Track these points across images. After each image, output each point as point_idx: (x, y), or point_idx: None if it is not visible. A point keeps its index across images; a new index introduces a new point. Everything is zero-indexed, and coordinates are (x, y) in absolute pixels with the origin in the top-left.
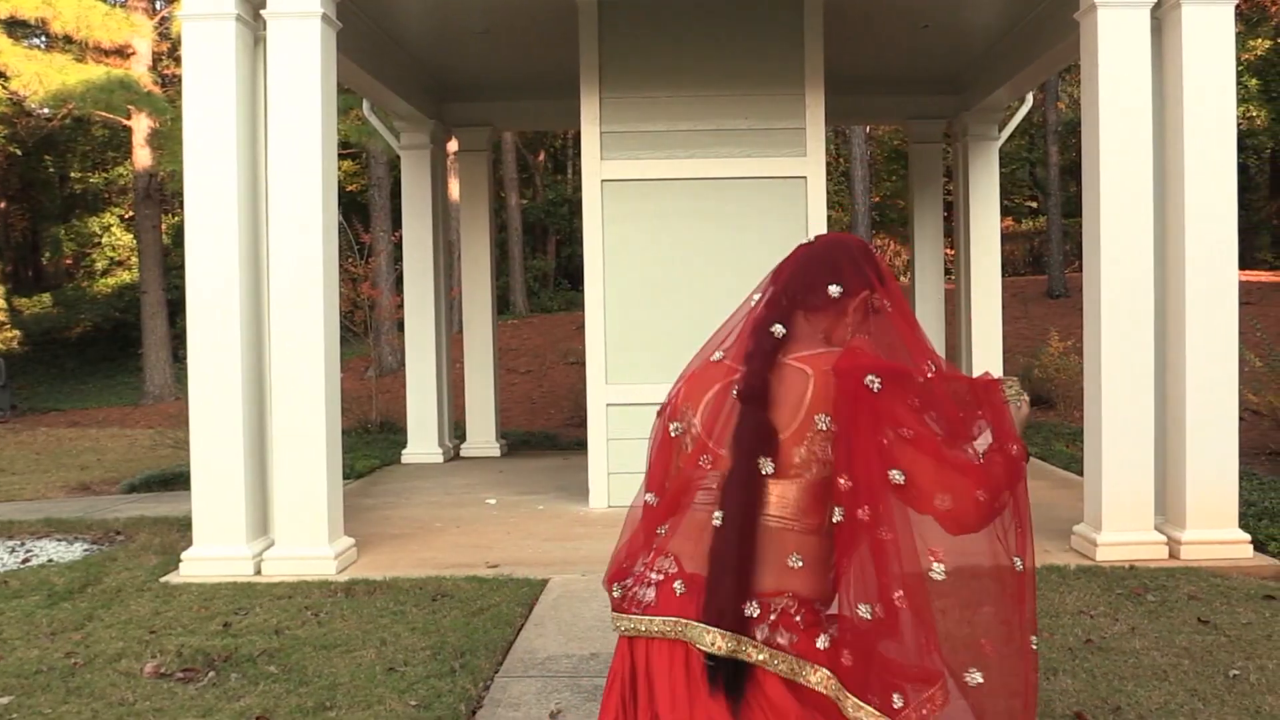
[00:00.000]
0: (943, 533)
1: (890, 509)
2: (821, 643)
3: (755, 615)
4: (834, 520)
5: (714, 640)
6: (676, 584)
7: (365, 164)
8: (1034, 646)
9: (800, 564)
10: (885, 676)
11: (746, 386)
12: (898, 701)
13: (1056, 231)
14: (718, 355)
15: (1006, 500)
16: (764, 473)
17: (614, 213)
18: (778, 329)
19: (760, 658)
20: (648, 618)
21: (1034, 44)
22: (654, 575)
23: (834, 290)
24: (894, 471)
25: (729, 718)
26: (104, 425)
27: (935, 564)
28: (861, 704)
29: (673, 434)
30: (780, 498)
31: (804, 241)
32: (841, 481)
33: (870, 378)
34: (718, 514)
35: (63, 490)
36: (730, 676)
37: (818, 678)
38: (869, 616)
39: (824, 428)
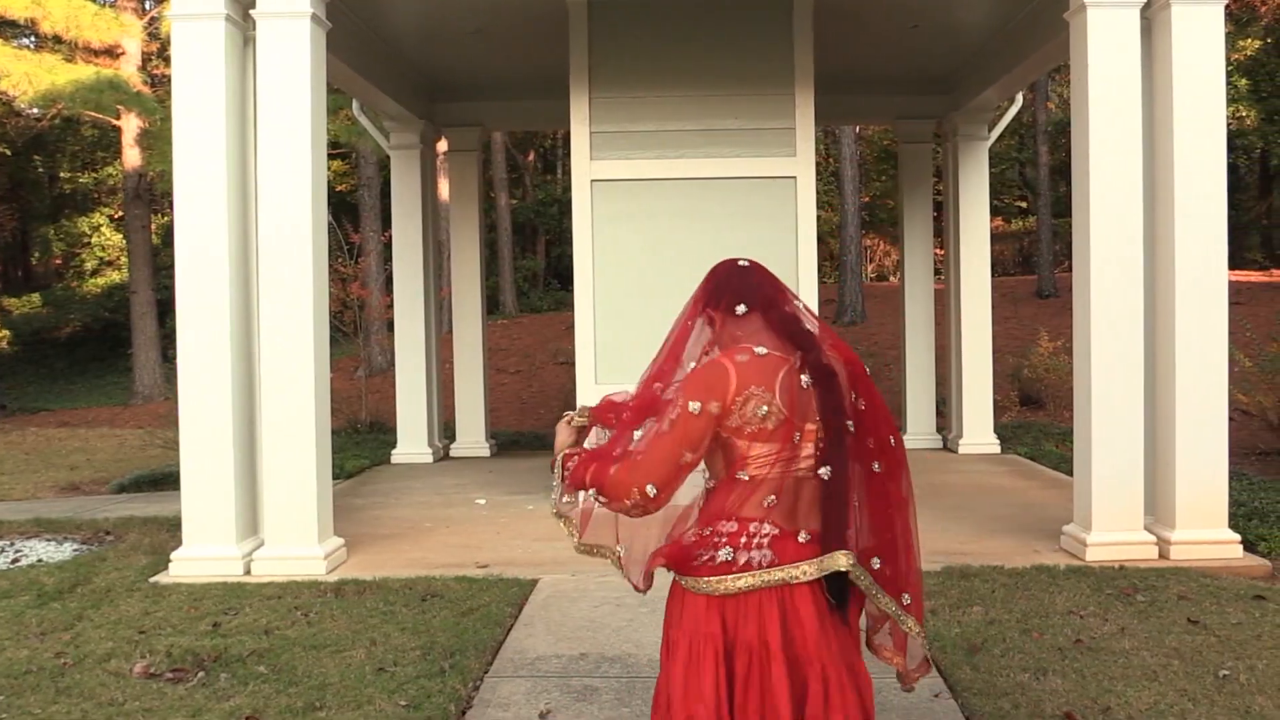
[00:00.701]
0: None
1: (893, 462)
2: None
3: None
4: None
5: (845, 559)
6: (801, 535)
7: (355, 164)
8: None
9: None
10: (898, 582)
11: (822, 370)
12: (906, 600)
13: (1046, 231)
14: (762, 350)
15: None
16: (850, 431)
17: (604, 213)
18: (809, 326)
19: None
20: (786, 566)
21: (1024, 44)
22: (765, 538)
23: (792, 300)
24: (890, 436)
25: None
26: (93, 425)
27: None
28: (892, 599)
29: (761, 413)
30: None
31: (733, 260)
32: (869, 443)
33: (865, 367)
34: (824, 469)
35: (52, 490)
36: (839, 593)
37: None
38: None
39: (853, 399)
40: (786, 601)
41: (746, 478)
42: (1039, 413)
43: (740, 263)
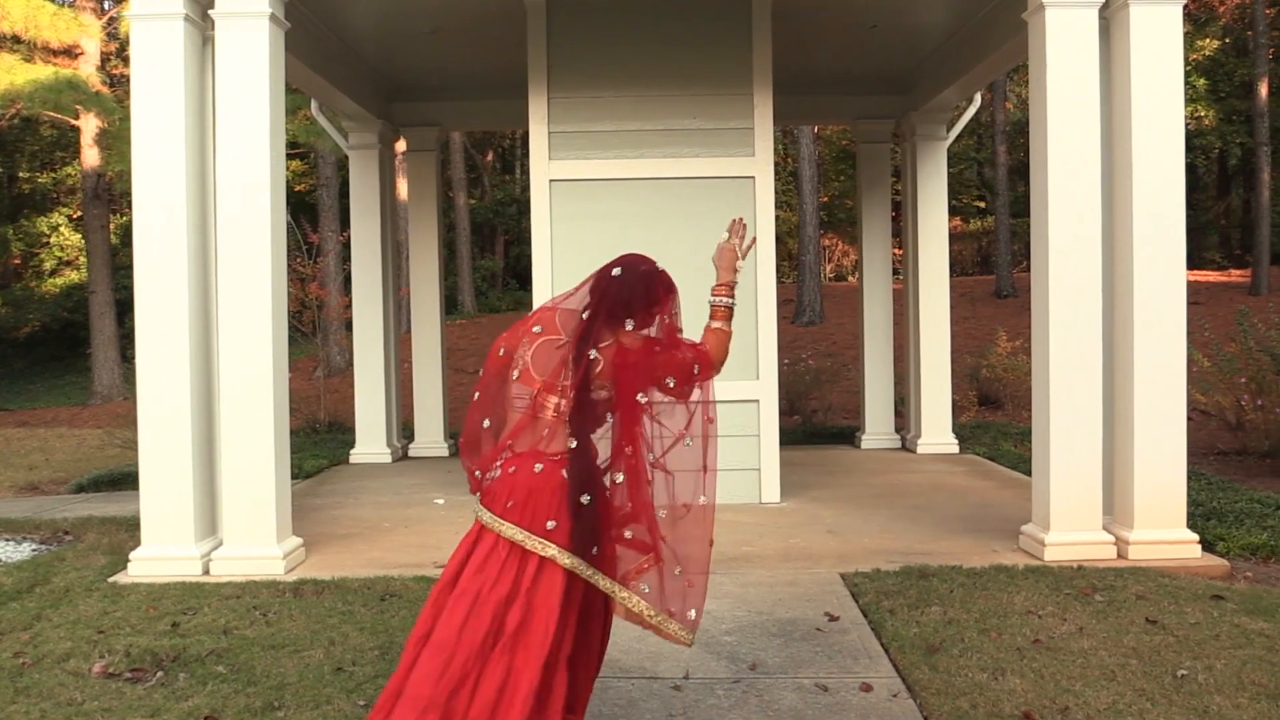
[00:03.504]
0: None
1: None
2: None
3: None
4: None
5: None
6: None
7: (313, 164)
8: None
9: None
10: None
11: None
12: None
13: (1004, 231)
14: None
15: None
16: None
17: (562, 213)
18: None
19: None
20: None
21: (982, 44)
22: None
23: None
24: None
25: None
26: (52, 425)
27: None
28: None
29: None
30: None
31: (610, 266)
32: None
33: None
34: None
35: (10, 490)
36: None
37: None
38: None
39: None
40: None
41: None
42: (997, 413)
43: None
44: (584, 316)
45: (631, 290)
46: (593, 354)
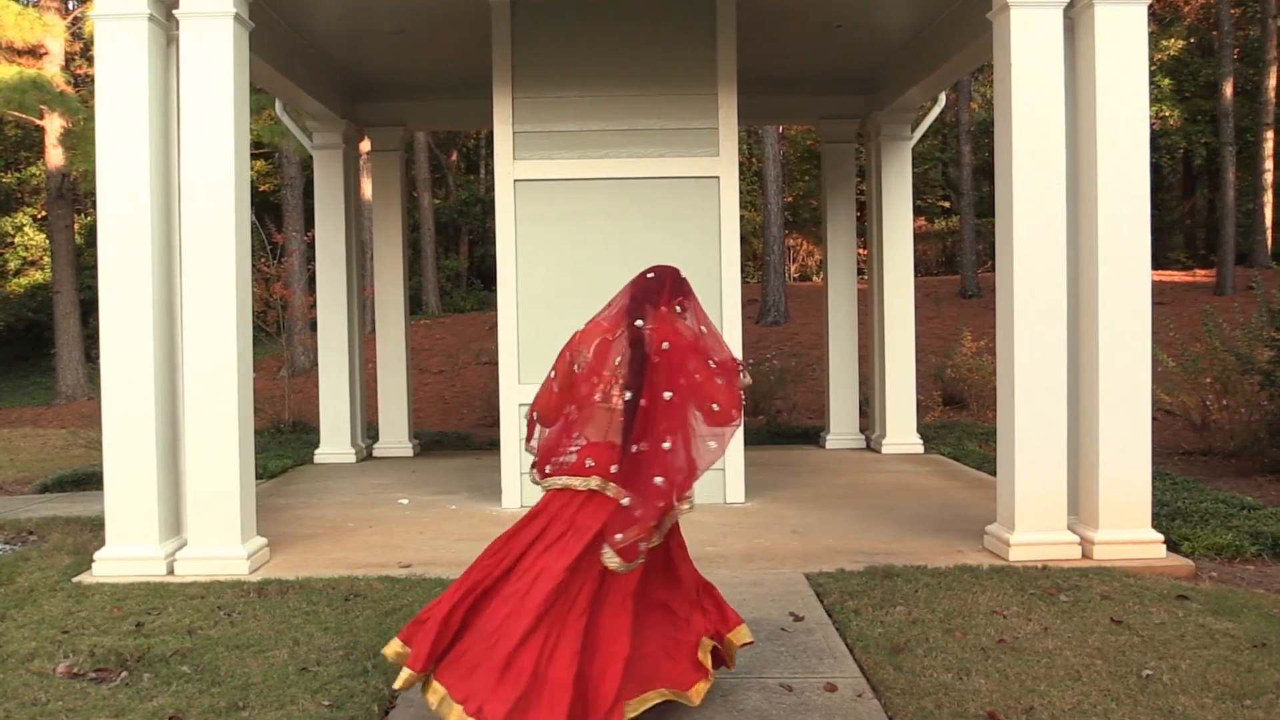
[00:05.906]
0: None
1: (674, 411)
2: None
3: None
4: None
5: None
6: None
7: (278, 164)
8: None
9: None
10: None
11: (634, 335)
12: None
13: (969, 231)
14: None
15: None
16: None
17: (527, 213)
18: (639, 322)
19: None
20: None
21: (947, 44)
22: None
23: (654, 302)
24: (667, 393)
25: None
26: (16, 425)
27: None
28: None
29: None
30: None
31: (645, 270)
32: (666, 395)
33: (664, 342)
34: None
35: None
36: None
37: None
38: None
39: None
40: None
41: None
42: (962, 413)
43: (646, 269)
44: (625, 303)
45: (661, 281)
46: (639, 323)
